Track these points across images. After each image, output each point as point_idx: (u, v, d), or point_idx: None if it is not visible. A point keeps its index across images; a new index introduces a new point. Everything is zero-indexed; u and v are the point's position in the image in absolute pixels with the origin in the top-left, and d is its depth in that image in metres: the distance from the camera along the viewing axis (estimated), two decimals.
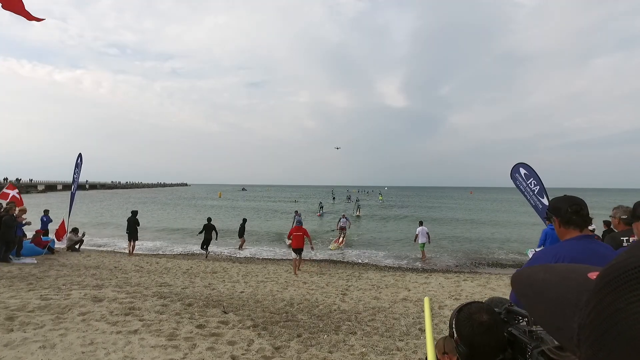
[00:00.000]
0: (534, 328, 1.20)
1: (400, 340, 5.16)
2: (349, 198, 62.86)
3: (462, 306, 1.35)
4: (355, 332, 5.41)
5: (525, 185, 12.06)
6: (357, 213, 33.46)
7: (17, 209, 12.26)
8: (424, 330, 5.59)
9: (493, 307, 1.74)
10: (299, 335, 5.12)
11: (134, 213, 16.06)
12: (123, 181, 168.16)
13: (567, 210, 1.94)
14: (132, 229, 15.37)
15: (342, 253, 16.33)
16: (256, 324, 5.55)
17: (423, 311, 6.78)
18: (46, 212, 14.33)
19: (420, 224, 15.79)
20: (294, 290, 8.34)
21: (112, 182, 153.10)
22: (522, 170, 12.36)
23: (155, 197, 73.45)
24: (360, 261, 14.97)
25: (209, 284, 8.79)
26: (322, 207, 35.86)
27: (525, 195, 12.07)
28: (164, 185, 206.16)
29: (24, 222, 12.13)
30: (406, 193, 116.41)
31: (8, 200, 13.17)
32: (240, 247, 17.62)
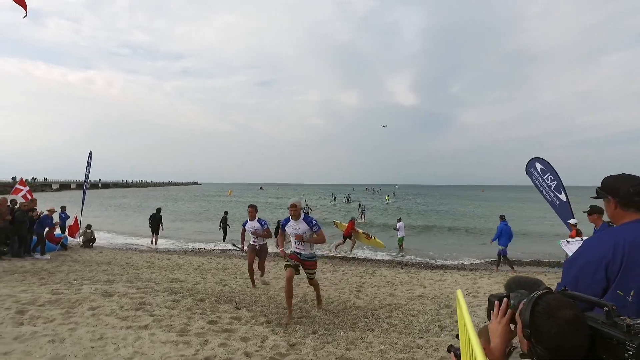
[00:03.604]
0: (630, 321, 0.99)
1: (420, 337, 4.94)
2: (348, 198, 57.74)
3: (536, 298, 1.12)
4: (373, 329, 5.21)
5: (541, 181, 11.70)
6: (362, 220, 28.22)
7: (47, 210, 12.44)
8: (444, 328, 5.39)
9: (521, 287, 1.51)
10: (314, 332, 4.93)
11: (158, 210, 17.86)
12: (134, 180, 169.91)
13: (629, 191, 1.69)
14: (156, 223, 17.22)
15: (344, 251, 16.14)
16: (269, 320, 5.38)
17: (442, 308, 6.57)
18: (63, 208, 14.40)
19: (399, 220, 17.71)
20: (307, 286, 8.12)
21: (123, 180, 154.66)
22: (539, 165, 12.00)
23: (170, 195, 74.01)
24: (366, 257, 14.89)
25: (221, 280, 8.66)
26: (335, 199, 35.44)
27: (541, 191, 11.71)
28: (175, 184, 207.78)
29: (47, 215, 12.24)
30: (417, 192, 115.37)
31: (20, 195, 13.23)
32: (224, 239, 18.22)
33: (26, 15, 5.56)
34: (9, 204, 11.58)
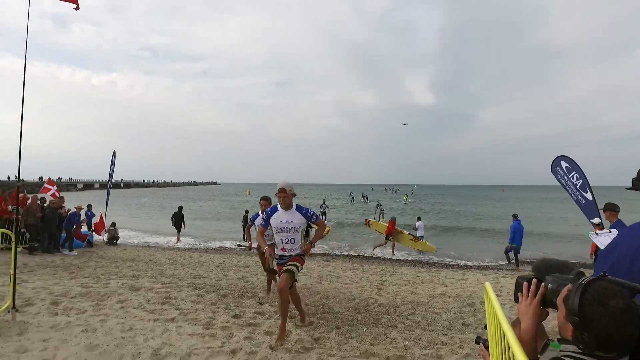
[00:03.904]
0: None
1: (443, 334, 4.92)
2: (365, 198, 57.23)
3: (585, 284, 1.08)
4: (396, 326, 5.20)
5: (566, 180, 11.44)
6: (381, 220, 28.07)
7: (74, 207, 12.86)
8: (468, 325, 5.35)
9: (551, 270, 1.48)
10: (337, 327, 4.96)
11: (180, 208, 18.26)
12: (155, 180, 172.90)
13: None
14: (178, 222, 17.63)
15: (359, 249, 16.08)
16: (293, 315, 5.41)
17: (465, 306, 6.51)
18: (89, 207, 14.79)
19: (419, 219, 16.85)
20: (328, 284, 8.19)
21: (144, 180, 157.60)
22: (564, 164, 11.73)
23: (189, 195, 75.15)
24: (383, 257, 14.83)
25: (242, 276, 8.77)
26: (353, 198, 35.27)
27: (567, 190, 11.45)
28: (195, 184, 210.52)
29: (75, 212, 12.63)
30: (436, 192, 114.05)
31: (49, 194, 13.66)
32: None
33: (77, 8, 5.73)
34: (38, 202, 12.00)
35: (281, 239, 4.52)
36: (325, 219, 21.85)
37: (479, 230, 24.38)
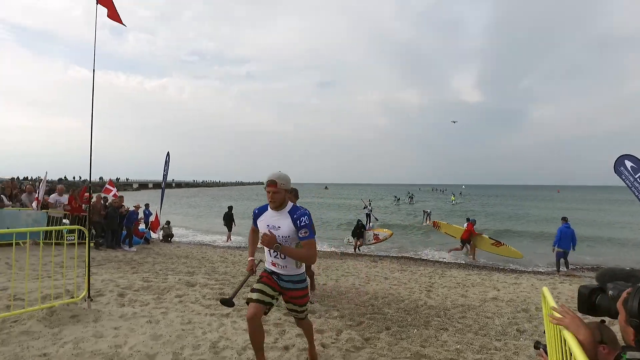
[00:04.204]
0: None
1: (497, 340, 4.80)
2: (410, 198, 55.78)
3: None
4: (447, 329, 5.14)
5: (632, 180, 10.71)
6: (427, 222, 26.97)
7: (133, 206, 13.75)
8: (523, 332, 5.17)
9: (615, 279, 1.43)
10: (387, 328, 4.97)
11: (230, 208, 18.81)
12: (205, 180, 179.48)
13: None
14: (229, 221, 18.17)
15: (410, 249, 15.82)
16: (342, 314, 5.50)
17: (519, 311, 6.29)
18: (147, 205, 15.65)
19: (468, 220, 15.77)
20: (376, 284, 8.19)
21: (194, 180, 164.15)
22: (628, 163, 10.99)
23: (237, 195, 77.39)
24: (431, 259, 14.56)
25: None
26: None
27: (633, 191, 10.74)
28: (242, 183, 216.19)
29: (134, 210, 13.47)
30: (486, 192, 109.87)
31: (111, 195, 14.61)
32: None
33: (125, 25, 6.15)
34: (102, 201, 12.92)
35: (269, 250, 3.29)
36: (369, 222, 21.62)
37: (532, 234, 23.27)
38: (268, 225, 3.24)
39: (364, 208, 23.73)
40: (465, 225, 14.97)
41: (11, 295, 5.15)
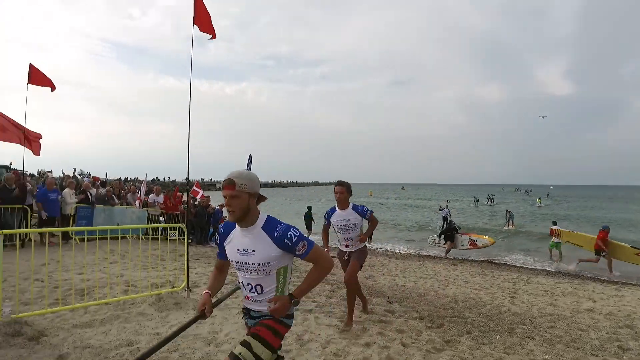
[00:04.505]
0: None
1: (592, 354, 4.49)
2: (491, 200, 52.19)
3: None
4: (533, 337, 4.92)
5: None
6: (510, 227, 25.64)
7: (217, 204, 14.88)
8: (627, 350, 4.77)
9: None
10: (468, 332, 4.91)
11: (309, 208, 19.66)
12: (282, 180, 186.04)
13: None
14: (308, 221, 18.90)
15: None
16: (422, 316, 5.52)
17: (622, 327, 5.75)
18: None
19: (555, 223, 15.18)
20: (456, 288, 8.02)
21: (271, 181, 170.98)
22: None
23: (314, 195, 79.22)
24: (516, 264, 13.73)
25: (370, 275, 9.10)
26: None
27: None
28: (318, 183, 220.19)
29: (219, 209, 14.59)
30: (577, 193, 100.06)
31: (199, 196, 15.89)
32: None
33: (214, 37, 6.72)
34: (191, 200, 14.15)
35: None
36: (444, 225, 20.56)
37: (633, 241, 20.84)
38: (239, 250, 2.30)
39: (440, 210, 22.64)
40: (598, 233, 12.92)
41: (129, 282, 5.95)
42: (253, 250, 2.26)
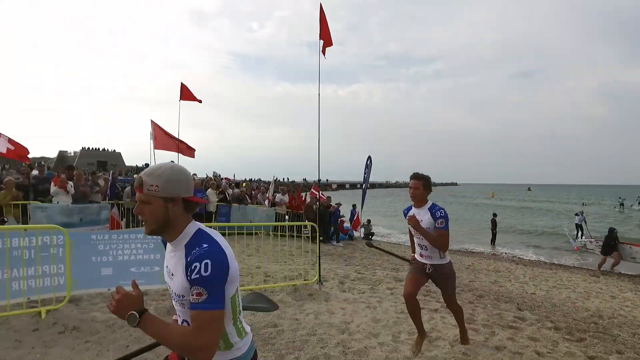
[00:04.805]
0: None
1: None
2: None
3: None
4: None
5: None
6: None
7: (334, 203, 15.65)
8: None
9: None
10: (619, 352, 4.44)
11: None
12: (397, 180, 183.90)
13: None
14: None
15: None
16: (558, 327, 5.17)
17: None
18: (354, 206, 17.36)
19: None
20: (599, 302, 7.22)
21: (386, 181, 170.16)
22: None
23: (430, 196, 76.62)
24: None
25: (495, 280, 8.70)
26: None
27: None
28: (434, 184, 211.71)
29: (338, 209, 15.32)
30: None
31: (317, 197, 16.78)
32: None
33: (331, 44, 7.15)
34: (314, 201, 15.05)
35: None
36: (580, 235, 17.99)
37: None
38: (167, 268, 1.65)
39: (575, 215, 19.77)
40: None
41: (267, 273, 6.73)
42: (173, 274, 1.59)
